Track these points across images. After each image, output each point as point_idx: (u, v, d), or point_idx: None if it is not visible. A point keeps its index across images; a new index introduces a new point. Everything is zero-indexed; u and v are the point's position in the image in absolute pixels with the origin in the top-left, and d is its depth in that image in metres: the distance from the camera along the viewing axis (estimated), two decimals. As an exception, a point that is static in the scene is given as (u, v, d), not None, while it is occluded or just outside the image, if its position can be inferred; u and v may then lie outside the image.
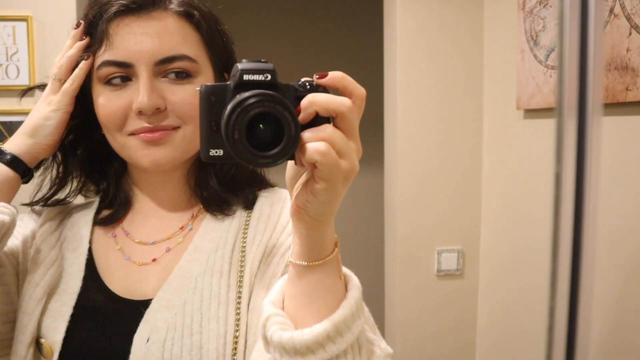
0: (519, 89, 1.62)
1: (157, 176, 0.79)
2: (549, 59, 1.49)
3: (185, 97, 0.72)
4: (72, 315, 0.72)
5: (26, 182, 0.76)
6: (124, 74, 0.72)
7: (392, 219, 1.91)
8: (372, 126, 1.70)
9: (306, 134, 0.49)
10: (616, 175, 1.27)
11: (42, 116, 0.74)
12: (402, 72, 1.82)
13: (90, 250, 0.78)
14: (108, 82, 0.72)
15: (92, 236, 0.80)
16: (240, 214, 0.79)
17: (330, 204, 0.53)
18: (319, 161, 0.49)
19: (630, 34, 1.20)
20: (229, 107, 0.49)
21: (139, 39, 0.71)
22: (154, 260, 0.77)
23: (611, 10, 1.25)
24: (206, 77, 0.76)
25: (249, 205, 0.80)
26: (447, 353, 1.91)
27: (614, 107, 1.27)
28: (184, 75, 0.73)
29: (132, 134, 0.72)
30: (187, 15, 0.74)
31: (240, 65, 0.51)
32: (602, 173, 1.30)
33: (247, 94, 0.48)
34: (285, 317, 0.58)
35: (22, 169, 0.74)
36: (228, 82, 0.52)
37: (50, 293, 0.75)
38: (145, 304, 0.72)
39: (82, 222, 0.81)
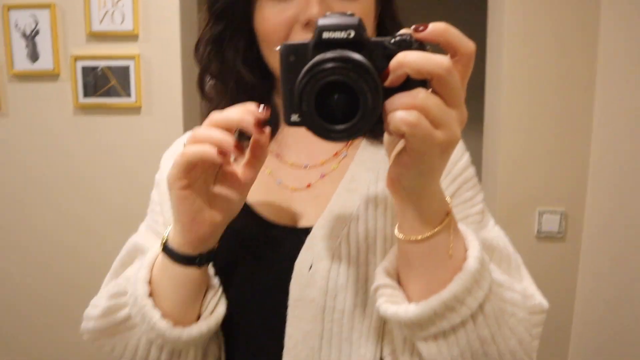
0: None
1: None
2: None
3: (355, 12, 0.69)
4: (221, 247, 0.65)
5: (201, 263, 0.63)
6: None
7: (493, 177, 1.85)
8: (470, 84, 1.61)
9: (394, 101, 0.43)
10: None
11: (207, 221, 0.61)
12: (509, 22, 1.74)
13: None
14: None
15: None
16: None
17: (425, 178, 0.48)
18: (407, 133, 0.43)
19: None
20: (302, 72, 0.43)
21: None
22: (309, 185, 0.73)
23: None
24: (367, 3, 0.70)
25: None
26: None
27: None
28: None
29: None
30: None
31: (320, 21, 0.45)
32: None
33: (320, 57, 0.42)
34: (394, 288, 0.56)
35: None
36: (309, 41, 0.45)
37: None
38: (305, 231, 0.67)
39: None
